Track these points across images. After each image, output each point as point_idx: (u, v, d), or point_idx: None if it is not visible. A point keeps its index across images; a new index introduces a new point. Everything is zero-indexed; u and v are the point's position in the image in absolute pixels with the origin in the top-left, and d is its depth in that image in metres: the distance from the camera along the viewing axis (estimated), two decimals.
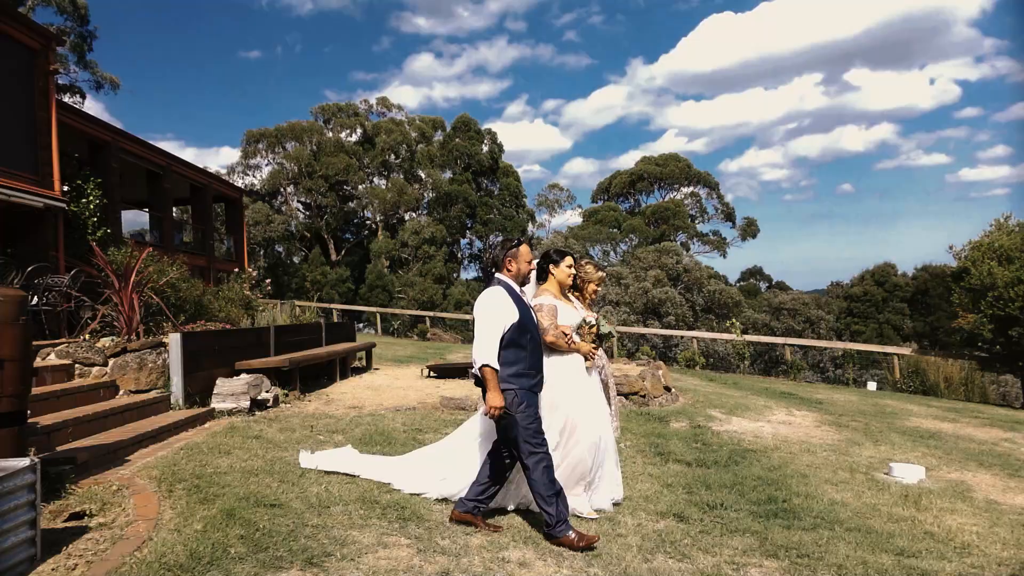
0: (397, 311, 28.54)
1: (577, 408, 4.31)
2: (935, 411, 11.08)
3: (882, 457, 6.73)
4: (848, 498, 5.16)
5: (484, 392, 3.94)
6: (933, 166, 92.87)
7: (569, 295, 4.70)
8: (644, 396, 8.44)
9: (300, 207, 44.71)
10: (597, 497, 4.45)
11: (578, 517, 4.23)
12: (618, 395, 8.36)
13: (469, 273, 47.27)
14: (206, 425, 6.45)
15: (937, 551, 4.07)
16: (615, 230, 41.84)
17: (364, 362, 11.94)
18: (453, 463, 4.51)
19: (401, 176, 43.91)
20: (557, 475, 3.96)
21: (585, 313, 4.62)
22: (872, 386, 16.34)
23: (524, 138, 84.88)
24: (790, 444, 7.18)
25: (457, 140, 44.12)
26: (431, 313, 27.76)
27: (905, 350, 17.96)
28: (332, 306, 28.63)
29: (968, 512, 5.00)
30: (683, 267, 28.64)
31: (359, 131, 44.53)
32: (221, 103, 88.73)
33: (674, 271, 28.29)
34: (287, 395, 7.87)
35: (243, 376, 7.30)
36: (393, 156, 44.35)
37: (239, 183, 39.02)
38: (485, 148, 45.24)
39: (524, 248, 4.19)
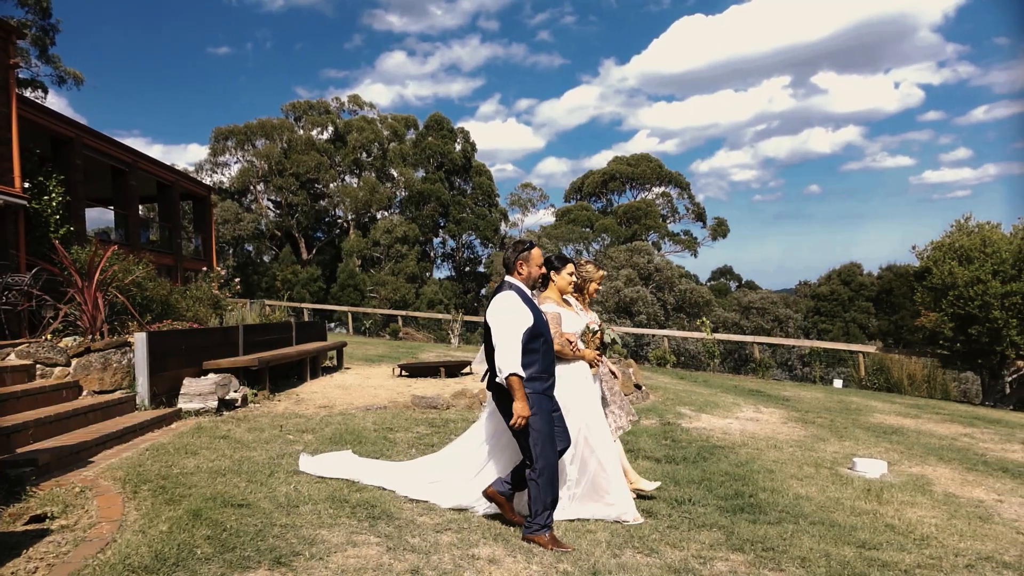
0: (369, 310, 28.35)
1: (588, 415, 4.31)
2: (898, 407, 11.33)
3: (846, 452, 6.87)
4: (813, 492, 5.26)
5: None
6: (897, 168, 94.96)
7: (568, 297, 4.71)
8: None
9: (270, 205, 44.18)
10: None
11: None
12: None
13: (442, 272, 47.21)
14: (172, 426, 6.36)
15: (897, 543, 4.18)
16: (588, 229, 42.03)
17: (335, 361, 11.86)
18: (459, 469, 4.41)
19: (373, 175, 43.61)
20: (577, 485, 4.00)
21: (587, 318, 4.64)
22: (838, 383, 16.65)
23: (497, 137, 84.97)
24: (757, 440, 7.29)
25: (430, 139, 43.96)
26: (403, 312, 27.63)
27: (870, 348, 18.34)
28: (303, 305, 28.35)
29: (927, 505, 5.13)
30: (654, 266, 28.89)
31: (331, 129, 44.11)
32: (189, 100, 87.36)
33: (646, 270, 28.52)
34: (256, 395, 7.78)
35: (211, 376, 7.20)
36: (365, 154, 44.03)
37: (207, 181, 38.43)
38: (458, 147, 45.14)
39: (536, 252, 4.16)
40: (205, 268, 18.15)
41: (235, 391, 7.33)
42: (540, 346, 3.92)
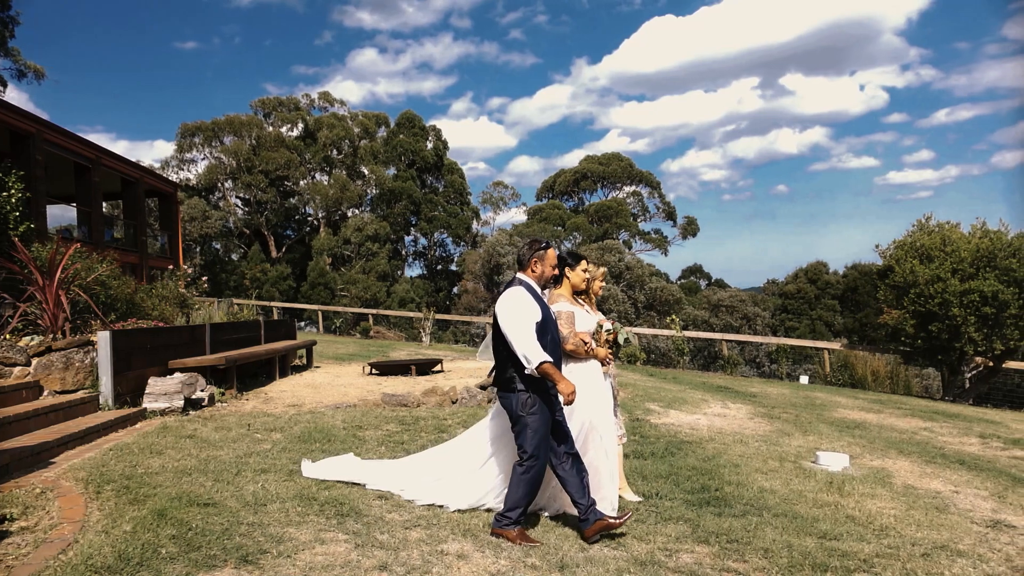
0: (339, 309, 28.14)
1: (594, 414, 4.33)
2: (861, 403, 11.58)
3: (810, 446, 7.01)
4: (777, 486, 5.36)
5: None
6: (863, 169, 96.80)
7: (578, 298, 4.73)
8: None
9: (239, 203, 43.59)
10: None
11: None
12: None
13: (414, 270, 47.02)
14: (137, 426, 6.27)
15: (857, 533, 4.28)
16: (559, 228, 42.17)
17: (305, 360, 11.76)
18: (471, 468, 4.39)
19: (344, 172, 43.25)
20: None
21: (598, 318, 4.67)
22: (804, 380, 16.95)
23: (469, 135, 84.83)
24: (724, 435, 7.41)
25: (401, 136, 43.75)
26: (374, 311, 27.47)
27: (835, 345, 18.69)
28: (272, 304, 28.04)
29: (887, 497, 5.26)
30: (625, 265, 29.11)
31: (300, 126, 43.65)
32: (155, 95, 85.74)
33: (617, 268, 28.72)
34: (223, 394, 7.70)
35: (177, 375, 7.11)
36: (336, 152, 43.65)
37: (174, 177, 37.79)
38: (430, 145, 44.99)
39: (551, 252, 4.17)
40: (171, 266, 17.89)
41: (202, 390, 7.24)
42: (547, 344, 3.93)
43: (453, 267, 45.99)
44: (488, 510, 4.28)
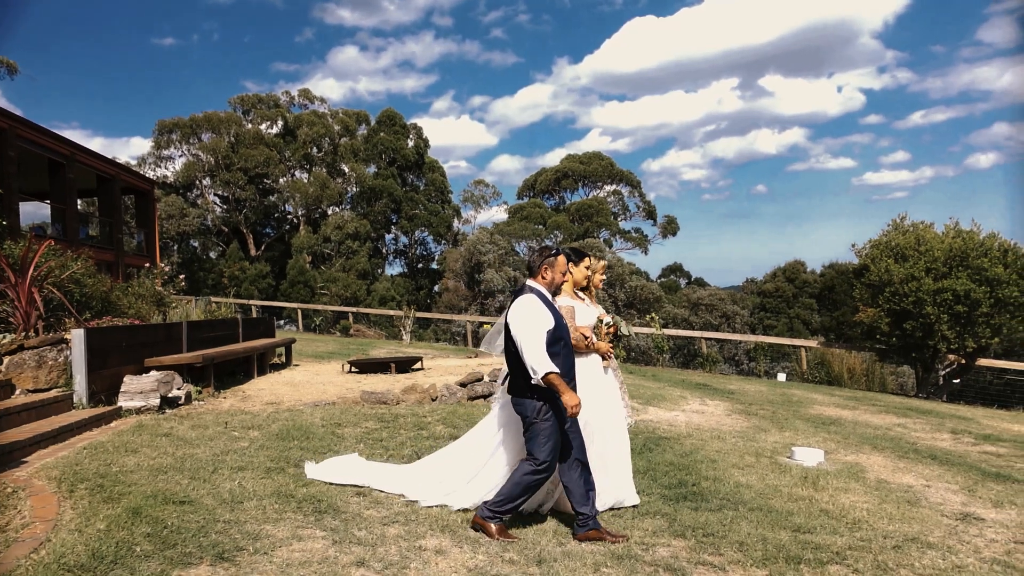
0: (319, 307, 27.97)
1: (596, 409, 4.34)
2: (837, 399, 11.74)
3: (786, 442, 7.09)
4: (753, 480, 5.42)
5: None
6: (840, 169, 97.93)
7: (579, 292, 4.74)
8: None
9: (217, 200, 43.15)
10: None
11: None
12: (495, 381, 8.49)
13: (394, 269, 46.84)
14: (112, 424, 6.19)
15: (830, 527, 4.35)
16: (540, 227, 42.22)
17: (284, 359, 11.69)
18: (474, 469, 4.38)
19: (324, 170, 42.97)
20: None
21: (599, 311, 4.68)
22: (782, 377, 17.14)
23: (450, 134, 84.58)
24: (702, 432, 7.47)
25: (382, 134, 43.55)
26: (354, 309, 27.34)
27: (811, 343, 18.92)
28: (251, 302, 27.81)
29: (860, 491, 5.34)
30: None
31: (280, 123, 43.30)
32: (132, 92, 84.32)
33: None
34: (201, 392, 7.63)
35: (153, 373, 7.04)
36: (315, 149, 43.36)
37: (151, 175, 37.35)
38: (410, 143, 44.83)
39: (562, 259, 4.19)
40: (148, 264, 17.66)
41: (178, 389, 7.17)
42: (560, 349, 3.95)
43: (434, 265, 45.88)
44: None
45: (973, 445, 8.02)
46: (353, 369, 10.26)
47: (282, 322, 28.01)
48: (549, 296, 4.11)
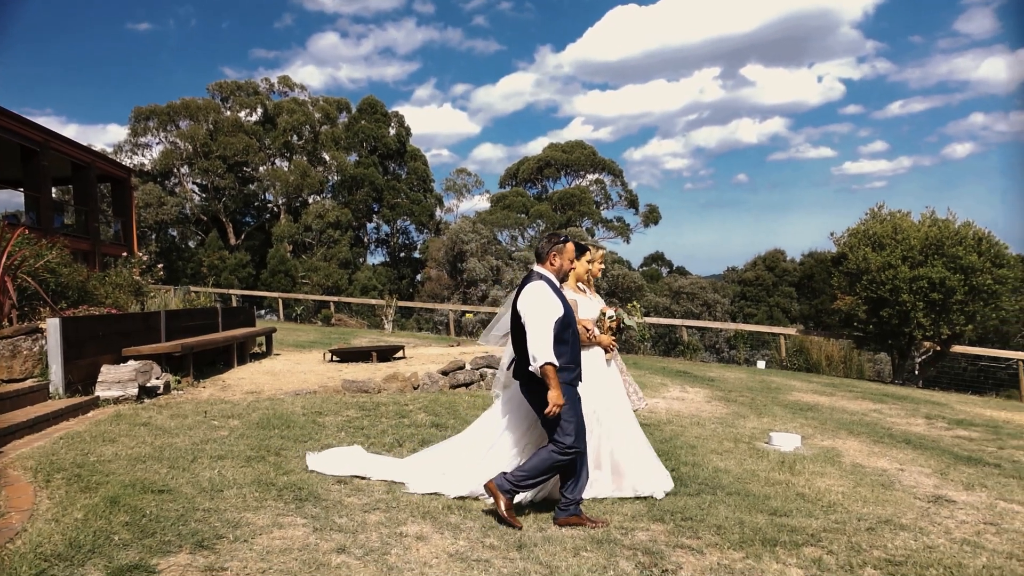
0: (300, 296, 27.80)
1: (603, 399, 4.36)
2: (815, 386, 11.90)
3: (764, 428, 7.19)
4: (731, 465, 5.50)
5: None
6: (820, 159, 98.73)
7: (580, 285, 4.74)
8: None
9: (195, 189, 42.63)
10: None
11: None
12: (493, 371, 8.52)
13: (376, 258, 46.62)
14: (90, 414, 6.13)
15: (806, 510, 4.42)
16: (523, 215, 42.21)
17: (264, 348, 11.61)
18: (472, 459, 4.38)
19: (304, 158, 42.56)
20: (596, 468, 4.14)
21: (601, 304, 4.69)
22: (761, 364, 17.33)
23: (432, 122, 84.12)
24: (682, 418, 7.55)
25: (363, 122, 43.20)
26: (336, 298, 27.19)
27: (790, 331, 19.13)
28: (231, 292, 27.57)
29: (836, 475, 5.43)
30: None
31: (259, 111, 42.76)
32: (107, 78, 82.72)
33: None
34: (180, 382, 7.57)
35: (131, 363, 6.96)
36: (296, 137, 42.91)
37: (127, 162, 36.80)
38: (392, 131, 44.53)
39: (570, 246, 4.19)
40: (125, 253, 17.43)
41: (157, 378, 7.11)
42: (569, 336, 3.98)
43: (416, 255, 45.71)
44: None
45: (946, 430, 8.18)
46: (334, 358, 10.23)
47: (263, 312, 27.82)
48: (557, 283, 4.13)
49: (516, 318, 4.02)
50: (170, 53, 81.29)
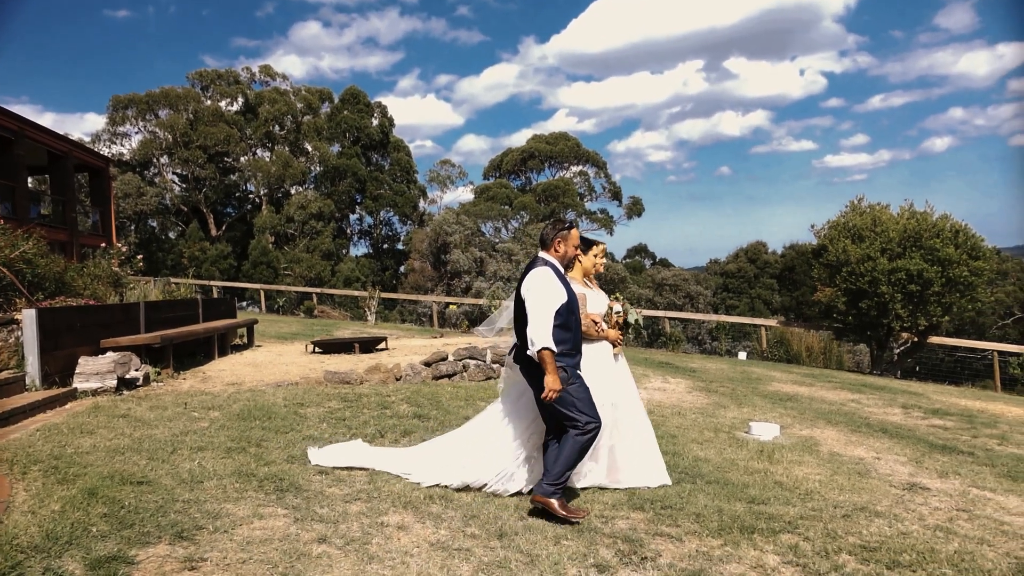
0: (283, 288, 27.61)
1: (609, 395, 4.36)
2: (795, 377, 12.03)
3: (744, 418, 7.26)
4: (711, 455, 5.56)
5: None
6: (801, 152, 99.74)
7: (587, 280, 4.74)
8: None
9: (176, 179, 42.10)
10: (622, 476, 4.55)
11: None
12: (503, 366, 8.54)
13: (359, 249, 46.34)
14: (67, 406, 6.07)
15: (784, 498, 4.48)
16: (507, 207, 42.14)
17: (246, 339, 11.54)
18: (476, 449, 4.37)
19: (286, 148, 42.17)
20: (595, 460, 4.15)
21: (607, 299, 4.71)
22: (742, 355, 17.48)
23: (416, 113, 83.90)
24: (663, 408, 7.61)
25: (346, 112, 42.85)
26: (318, 290, 27.04)
27: (771, 322, 19.31)
28: (212, 283, 27.33)
29: (813, 464, 5.51)
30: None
31: (240, 100, 42.26)
32: (84, 66, 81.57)
33: None
34: (159, 373, 7.51)
35: (109, 354, 6.90)
36: (278, 127, 42.48)
37: (105, 152, 36.23)
38: (375, 122, 44.22)
39: (575, 232, 4.20)
40: (104, 244, 17.23)
41: (136, 370, 7.05)
42: (572, 324, 3.99)
43: (400, 246, 45.51)
44: (493, 493, 4.24)
45: (922, 419, 8.31)
46: (316, 349, 10.18)
47: (245, 303, 27.62)
48: (562, 270, 4.14)
49: (519, 303, 4.03)
50: (149, 41, 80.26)
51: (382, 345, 10.62)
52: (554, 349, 3.82)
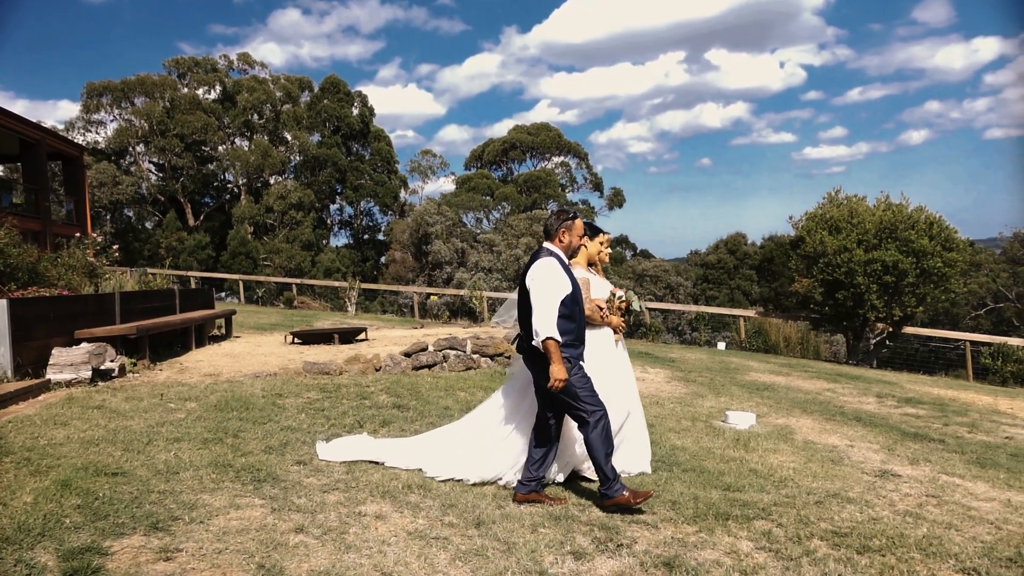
0: (262, 279, 27.37)
1: (608, 380, 4.37)
2: (772, 367, 12.16)
3: (721, 407, 7.34)
4: (688, 443, 5.62)
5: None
6: (781, 144, 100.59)
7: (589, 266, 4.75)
8: (509, 357, 8.68)
9: (152, 168, 41.52)
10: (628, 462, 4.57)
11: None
12: (483, 356, 8.56)
13: (339, 240, 46.07)
14: (40, 397, 5.99)
15: (758, 485, 4.55)
16: (488, 198, 42.09)
17: (224, 330, 11.44)
18: (488, 441, 4.36)
19: (265, 138, 41.72)
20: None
21: (610, 286, 4.71)
22: (721, 346, 17.63)
23: (397, 103, 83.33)
24: (642, 398, 7.59)
25: (325, 102, 42.48)
26: (298, 280, 26.85)
27: (750, 313, 19.49)
28: (190, 273, 27.03)
29: (788, 452, 5.59)
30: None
31: (218, 88, 41.74)
32: (58, 53, 79.96)
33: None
34: (135, 364, 7.43)
35: (84, 345, 6.82)
36: (256, 116, 42.02)
37: (80, 140, 35.63)
38: (355, 111, 43.89)
39: (579, 222, 4.20)
40: (79, 234, 16.95)
41: (111, 361, 6.97)
42: (577, 314, 4.00)
43: (381, 236, 45.31)
44: (504, 485, 4.24)
45: (895, 408, 8.45)
46: (296, 340, 10.13)
47: (223, 294, 27.36)
48: (566, 260, 4.15)
49: (524, 293, 4.04)
50: (124, 28, 78.88)
51: (362, 336, 10.58)
52: (559, 339, 3.84)
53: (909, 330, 16.64)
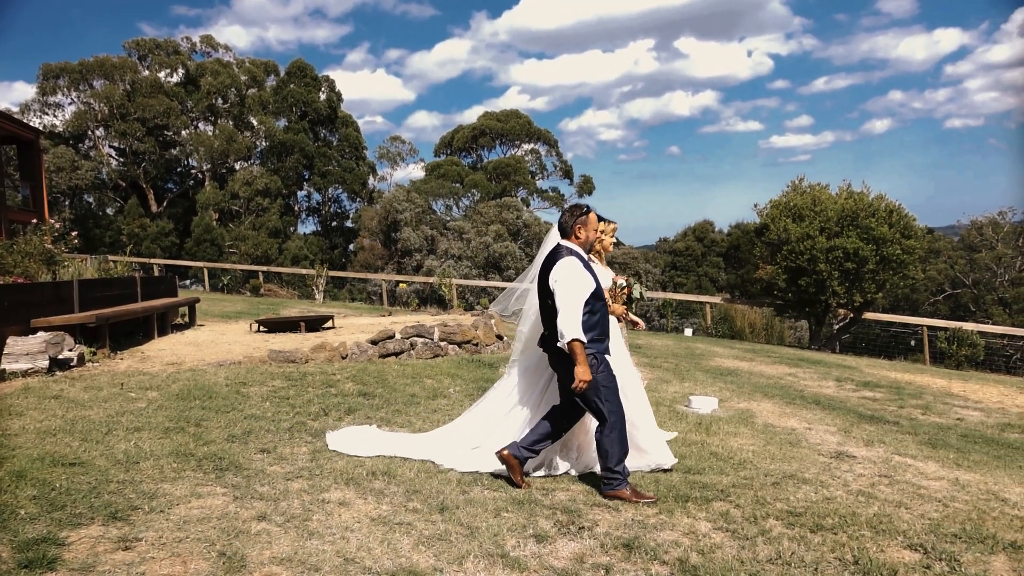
0: (227, 266, 26.96)
1: (619, 369, 4.36)
2: (737, 352, 12.38)
3: (685, 392, 7.46)
4: None
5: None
6: (748, 132, 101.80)
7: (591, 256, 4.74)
8: (476, 344, 8.71)
9: (112, 152, 40.48)
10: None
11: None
12: (451, 343, 8.57)
13: (307, 227, 45.46)
14: None
15: (718, 467, 4.65)
16: (458, 185, 41.88)
17: (188, 319, 11.27)
18: (496, 430, 4.36)
19: (230, 123, 40.93)
20: None
21: (611, 274, 4.70)
22: (688, 332, 17.87)
23: (365, 88, 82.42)
24: None
25: (292, 86, 41.75)
26: (265, 268, 26.52)
27: (716, 299, 19.77)
28: (153, 261, 26.52)
29: (748, 435, 5.71)
30: (523, 222, 29.41)
31: (181, 71, 40.74)
32: (12, 32, 77.23)
33: (515, 226, 28.98)
34: (95, 354, 7.29)
35: (40, 334, 6.67)
36: (221, 100, 41.16)
37: (36, 123, 34.59)
38: (323, 96, 43.23)
39: (593, 216, 4.18)
40: (36, 220, 16.48)
41: (70, 350, 6.83)
42: (600, 309, 4.03)
43: (349, 224, 44.86)
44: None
45: (854, 391, 8.67)
46: (261, 328, 10.03)
47: (188, 282, 26.91)
48: (585, 256, 4.16)
49: (547, 294, 4.02)
50: (83, 8, 76.49)
51: (329, 324, 10.51)
52: (584, 340, 3.85)
53: (870, 316, 17.04)
